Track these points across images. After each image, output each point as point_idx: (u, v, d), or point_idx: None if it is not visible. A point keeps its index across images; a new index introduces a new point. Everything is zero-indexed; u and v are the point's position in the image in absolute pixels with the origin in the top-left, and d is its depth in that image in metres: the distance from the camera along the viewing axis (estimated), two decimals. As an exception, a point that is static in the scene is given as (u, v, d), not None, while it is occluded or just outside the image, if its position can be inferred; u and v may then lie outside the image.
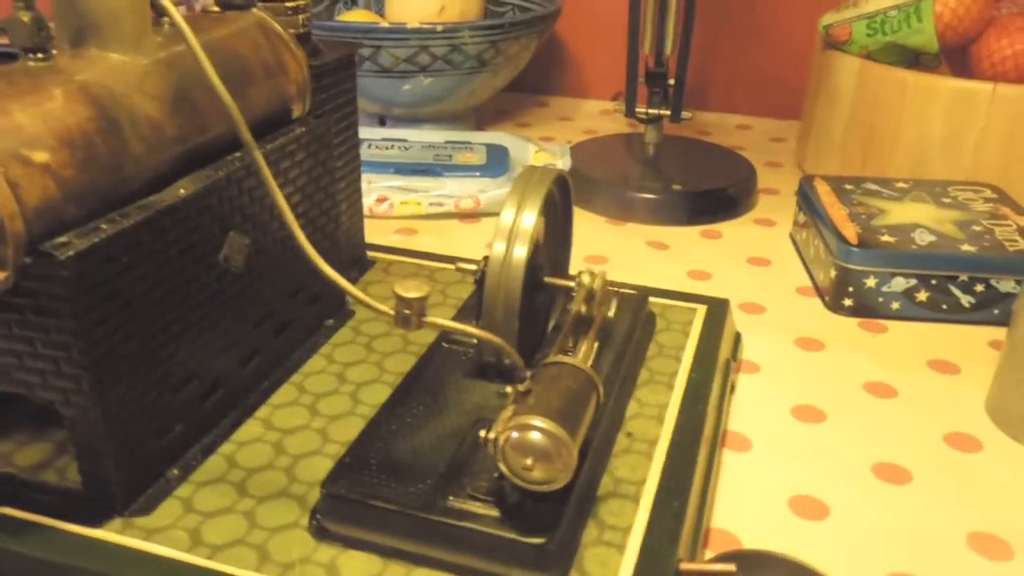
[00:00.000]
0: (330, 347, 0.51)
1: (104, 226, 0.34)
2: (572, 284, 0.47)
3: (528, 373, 0.37)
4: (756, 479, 0.47)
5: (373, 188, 0.82)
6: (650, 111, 0.90)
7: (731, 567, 0.36)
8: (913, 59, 0.83)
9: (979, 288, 0.62)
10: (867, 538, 0.43)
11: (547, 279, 0.49)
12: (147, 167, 0.38)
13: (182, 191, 0.38)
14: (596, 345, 0.44)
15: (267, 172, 0.35)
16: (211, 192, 0.40)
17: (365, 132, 0.94)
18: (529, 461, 0.34)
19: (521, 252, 0.42)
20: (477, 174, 0.83)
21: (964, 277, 0.62)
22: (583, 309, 0.45)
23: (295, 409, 0.45)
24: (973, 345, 0.60)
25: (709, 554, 0.42)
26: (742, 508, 0.45)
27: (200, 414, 0.42)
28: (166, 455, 0.40)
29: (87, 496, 0.37)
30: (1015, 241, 0.64)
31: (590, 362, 0.41)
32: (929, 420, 0.53)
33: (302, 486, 0.39)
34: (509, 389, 0.36)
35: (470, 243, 0.76)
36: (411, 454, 0.39)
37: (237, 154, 0.43)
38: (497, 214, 0.80)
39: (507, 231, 0.42)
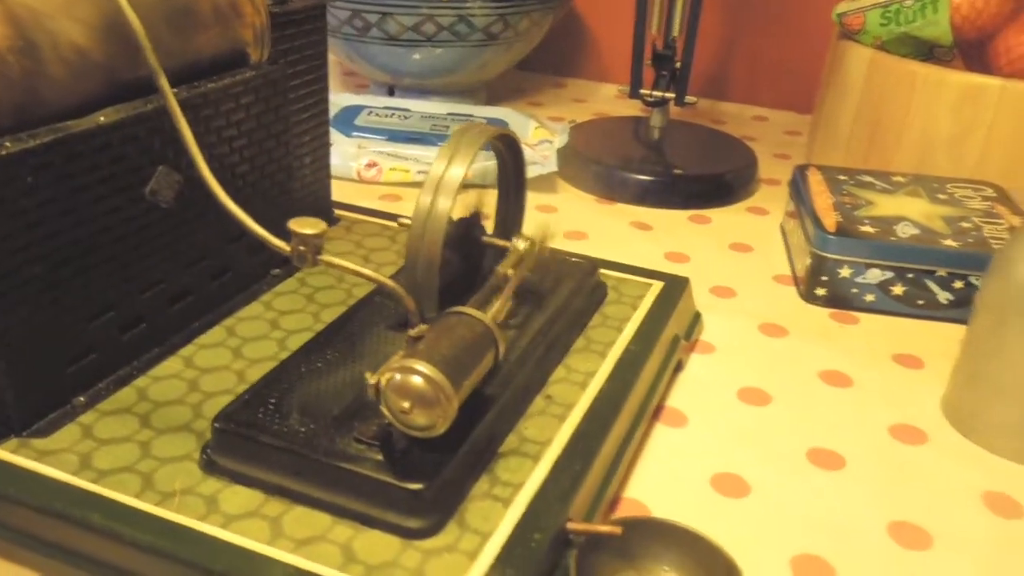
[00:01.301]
0: (271, 295, 0.51)
1: (8, 143, 0.35)
2: (508, 245, 0.46)
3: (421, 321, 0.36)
4: (683, 455, 0.46)
5: (364, 153, 0.82)
6: (655, 93, 0.89)
7: (617, 529, 0.35)
8: (927, 51, 0.80)
9: (958, 285, 0.60)
10: (782, 519, 0.42)
11: (486, 239, 0.48)
12: (70, 92, 0.38)
13: (102, 119, 0.39)
14: (511, 303, 0.44)
15: (171, 100, 0.35)
16: (138, 123, 0.40)
17: (368, 100, 0.94)
18: (407, 404, 0.33)
19: (445, 204, 0.41)
20: (469, 145, 0.83)
21: (943, 272, 0.60)
22: (509, 272, 0.44)
23: (219, 350, 0.45)
24: (944, 342, 0.58)
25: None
26: (661, 481, 0.44)
27: (117, 346, 0.42)
28: (75, 382, 0.40)
29: (-13, 414, 0.38)
30: (1001, 239, 0.61)
31: (501, 318, 0.40)
32: (879, 411, 0.51)
33: (205, 422, 0.40)
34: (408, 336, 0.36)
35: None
36: (312, 397, 0.39)
37: (175, 90, 0.43)
38: (485, 186, 0.80)
39: (434, 184, 0.42)
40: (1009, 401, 0.47)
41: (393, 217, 0.62)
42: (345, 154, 0.81)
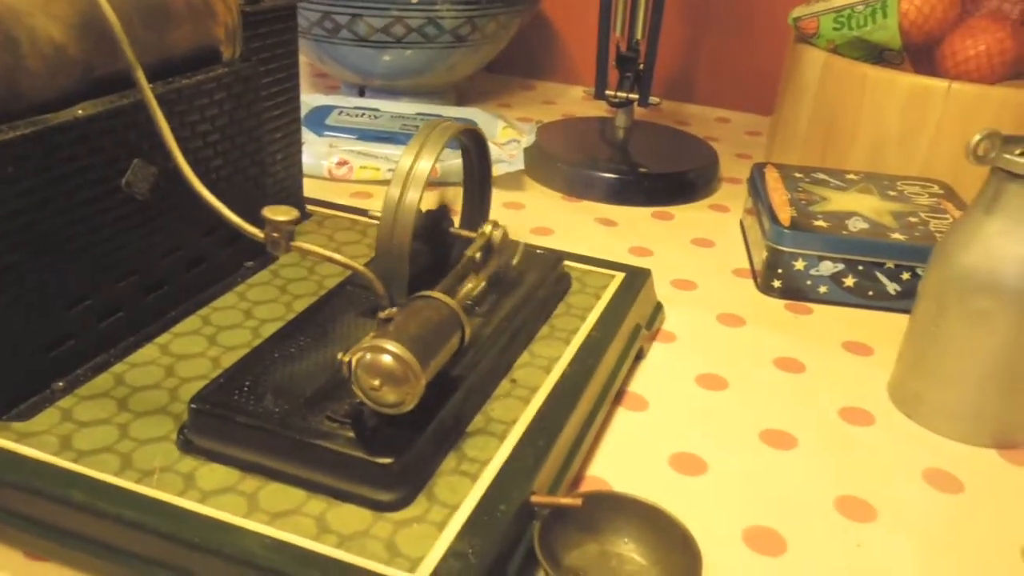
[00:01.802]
0: (245, 286, 0.52)
1: (-11, 134, 0.36)
2: (475, 235, 0.48)
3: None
4: (643, 436, 0.48)
5: (335, 151, 0.83)
6: (619, 94, 0.91)
7: (577, 501, 0.37)
8: (878, 55, 0.83)
9: (905, 276, 0.63)
10: (737, 495, 0.44)
11: (454, 230, 0.50)
12: (48, 87, 0.39)
13: (79, 111, 0.40)
14: (477, 289, 0.45)
15: (148, 93, 0.37)
16: (115, 116, 0.41)
17: (339, 100, 0.95)
18: (377, 382, 0.35)
19: (414, 196, 0.43)
20: (438, 144, 0.84)
21: (891, 264, 0.63)
22: (478, 256, 0.46)
23: (195, 338, 0.47)
24: (892, 330, 0.61)
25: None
26: (622, 460, 0.46)
27: (95, 333, 0.43)
28: (55, 368, 0.41)
29: (-31, 398, 0.39)
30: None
31: (467, 302, 0.42)
32: (830, 395, 0.53)
33: (181, 405, 0.41)
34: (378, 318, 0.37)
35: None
36: (286, 380, 0.40)
37: (150, 85, 0.44)
38: (455, 183, 0.82)
39: (402, 176, 0.43)
40: (949, 384, 0.49)
41: (364, 213, 0.64)
42: (317, 153, 0.83)
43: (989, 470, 0.48)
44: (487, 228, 0.47)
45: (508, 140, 0.88)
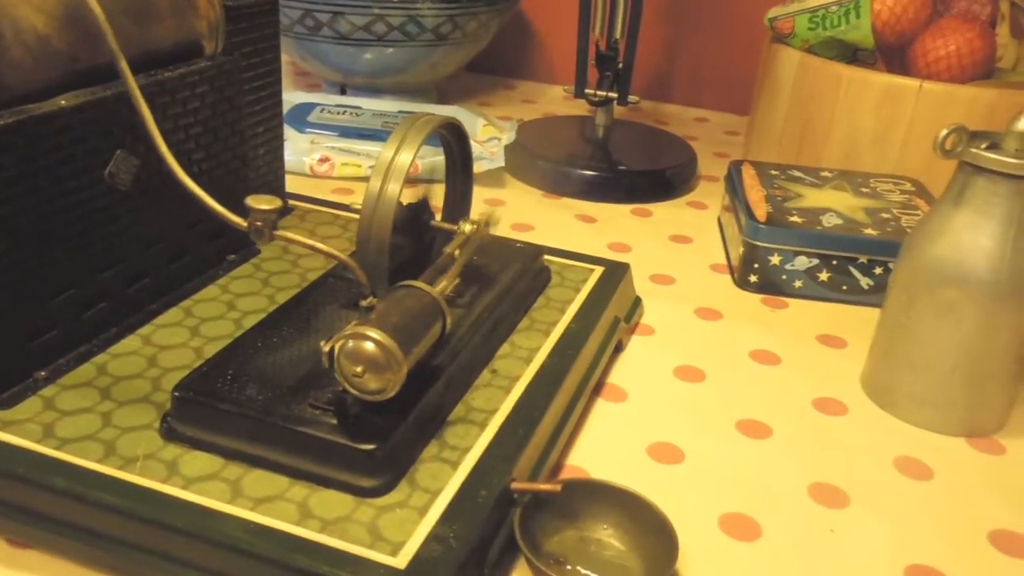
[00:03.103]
0: (227, 279, 0.52)
1: (-28, 124, 0.36)
2: (455, 228, 0.49)
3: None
4: (622, 426, 0.49)
5: (317, 148, 0.84)
6: (599, 93, 0.92)
7: (556, 487, 0.38)
8: (851, 55, 0.85)
9: (878, 271, 0.64)
10: (713, 482, 0.45)
11: (434, 223, 0.50)
12: (31, 77, 0.40)
13: (63, 102, 0.40)
14: (458, 280, 0.46)
15: (132, 84, 0.37)
16: (97, 107, 0.42)
17: (321, 98, 0.95)
18: (359, 369, 0.35)
19: (394, 189, 0.43)
20: (419, 141, 0.85)
21: (864, 259, 0.64)
22: (457, 252, 0.47)
23: (177, 329, 0.47)
24: (865, 324, 0.62)
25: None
26: (601, 449, 0.47)
27: (77, 324, 0.44)
28: (37, 357, 0.42)
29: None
30: (918, 228, 0.65)
31: (447, 293, 0.43)
32: (804, 386, 0.54)
33: (164, 394, 0.41)
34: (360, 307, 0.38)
35: (402, 205, 0.78)
36: (269, 368, 0.40)
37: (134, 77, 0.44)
38: (435, 180, 0.82)
39: (383, 168, 0.44)
40: (918, 375, 0.51)
41: (346, 207, 0.64)
42: (298, 149, 0.83)
43: (957, 458, 0.49)
44: (466, 227, 0.48)
45: (489, 138, 0.88)
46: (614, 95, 0.91)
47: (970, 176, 0.47)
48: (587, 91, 0.92)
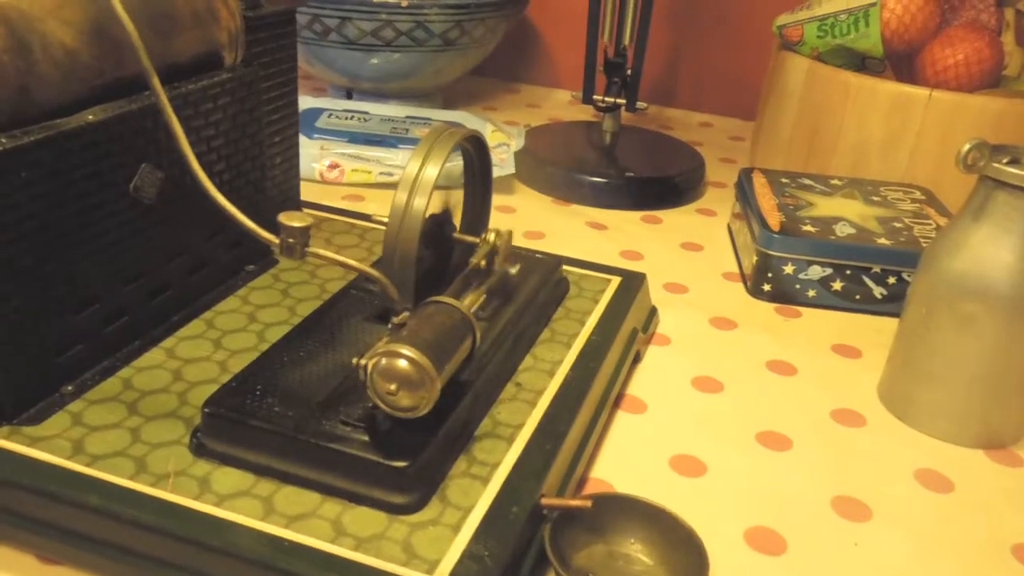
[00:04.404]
0: (247, 290, 0.52)
1: (3, 140, 0.36)
2: (478, 241, 0.49)
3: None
4: (644, 439, 0.49)
5: (327, 154, 0.83)
6: (607, 99, 0.92)
7: (587, 503, 0.38)
8: (860, 63, 0.85)
9: (891, 280, 0.64)
10: (737, 495, 0.45)
11: (456, 235, 0.50)
12: (59, 92, 0.39)
13: (90, 117, 0.40)
14: (484, 295, 0.46)
15: (163, 99, 0.37)
16: (123, 121, 0.42)
17: (328, 103, 0.95)
18: (393, 387, 0.35)
19: (421, 203, 0.43)
20: (429, 148, 0.85)
21: (877, 269, 0.64)
22: (483, 263, 0.47)
23: (200, 342, 0.47)
24: (879, 334, 0.62)
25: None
26: (624, 462, 0.47)
27: (102, 338, 0.43)
28: (63, 372, 0.41)
29: (-21, 403, 0.39)
30: (930, 238, 0.66)
31: (474, 308, 0.43)
32: (821, 397, 0.55)
33: (192, 409, 0.41)
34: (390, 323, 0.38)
35: (413, 212, 0.78)
36: (297, 383, 0.40)
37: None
38: (445, 187, 0.82)
39: (409, 182, 0.44)
40: (938, 386, 0.51)
41: (362, 216, 0.64)
42: (308, 155, 0.83)
43: (977, 470, 0.49)
44: (490, 236, 0.48)
45: (498, 144, 0.88)
46: (622, 101, 0.91)
47: (991, 190, 0.47)
48: (595, 97, 0.92)
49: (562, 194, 0.84)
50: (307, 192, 0.79)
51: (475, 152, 0.51)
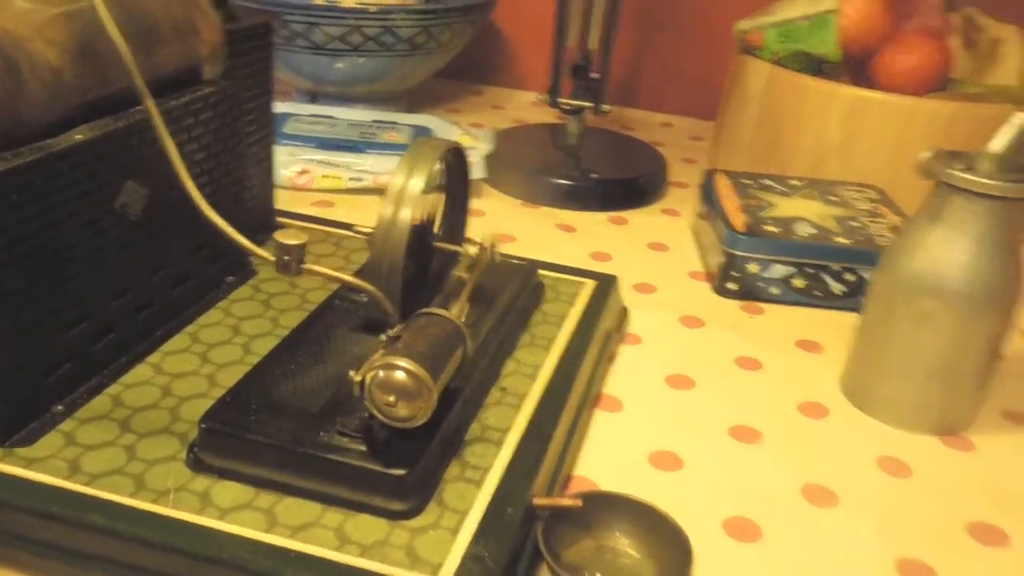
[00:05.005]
0: (228, 302, 0.53)
1: (-4, 163, 0.36)
2: (460, 250, 0.50)
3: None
4: (622, 436, 0.51)
5: (296, 160, 0.84)
6: (573, 102, 0.94)
7: (578, 502, 0.40)
8: (817, 67, 0.88)
9: (849, 277, 0.67)
10: (714, 488, 0.47)
11: (437, 244, 0.52)
12: (46, 111, 0.40)
13: (79, 137, 0.40)
14: (468, 304, 0.47)
15: (159, 121, 0.38)
16: (110, 140, 0.42)
17: (294, 107, 0.95)
18: (392, 398, 0.37)
19: (406, 214, 0.45)
20: (399, 152, 0.86)
21: (836, 267, 0.67)
22: (464, 274, 0.48)
23: (186, 356, 0.47)
24: (839, 328, 0.65)
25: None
26: (605, 459, 0.49)
27: (90, 355, 0.44)
28: (53, 392, 0.42)
29: (-30, 425, 0.39)
30: (885, 236, 0.69)
31: (463, 318, 0.44)
32: (788, 391, 0.57)
33: (185, 424, 0.42)
34: (383, 336, 0.39)
35: (385, 217, 0.78)
36: (290, 396, 0.41)
37: (137, 108, 0.45)
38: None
39: (395, 195, 0.45)
40: (897, 379, 0.54)
41: (338, 224, 0.65)
42: (277, 162, 0.83)
43: (933, 456, 0.52)
44: (471, 249, 0.49)
45: (466, 148, 0.89)
46: (588, 104, 0.93)
47: (947, 195, 0.50)
48: (560, 100, 0.94)
49: (531, 197, 0.86)
50: (277, 198, 0.79)
51: (455, 162, 0.52)
